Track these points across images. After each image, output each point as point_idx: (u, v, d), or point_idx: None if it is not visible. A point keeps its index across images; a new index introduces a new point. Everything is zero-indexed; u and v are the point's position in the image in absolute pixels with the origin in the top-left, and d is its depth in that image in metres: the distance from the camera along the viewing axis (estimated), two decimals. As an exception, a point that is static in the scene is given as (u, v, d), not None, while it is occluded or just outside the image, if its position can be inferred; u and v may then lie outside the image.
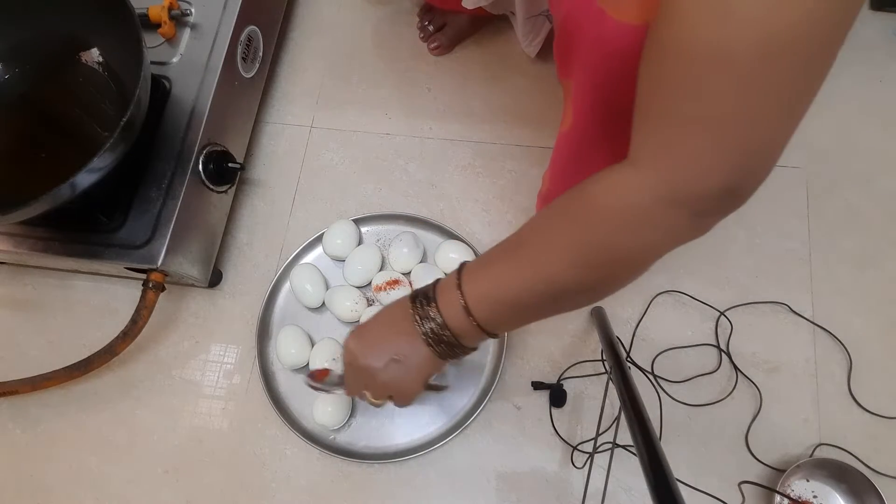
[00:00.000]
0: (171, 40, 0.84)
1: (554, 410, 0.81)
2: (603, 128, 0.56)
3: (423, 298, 0.54)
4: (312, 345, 0.82)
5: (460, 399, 0.81)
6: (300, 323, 0.85)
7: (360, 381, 0.60)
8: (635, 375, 0.79)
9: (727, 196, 0.40)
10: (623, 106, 0.50)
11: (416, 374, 0.57)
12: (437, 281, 0.55)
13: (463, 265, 0.54)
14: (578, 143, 0.61)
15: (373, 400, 0.61)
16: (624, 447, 0.66)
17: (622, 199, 0.42)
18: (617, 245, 0.44)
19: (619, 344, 0.74)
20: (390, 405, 0.62)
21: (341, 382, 0.65)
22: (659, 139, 0.40)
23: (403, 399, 0.60)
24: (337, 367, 0.80)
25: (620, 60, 0.46)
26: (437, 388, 0.72)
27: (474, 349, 0.56)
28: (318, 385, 0.67)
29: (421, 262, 0.85)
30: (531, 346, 0.84)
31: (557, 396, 0.80)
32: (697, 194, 0.40)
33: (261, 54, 0.93)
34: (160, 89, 0.81)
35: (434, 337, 0.54)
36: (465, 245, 0.84)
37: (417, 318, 0.54)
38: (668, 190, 0.40)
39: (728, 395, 0.79)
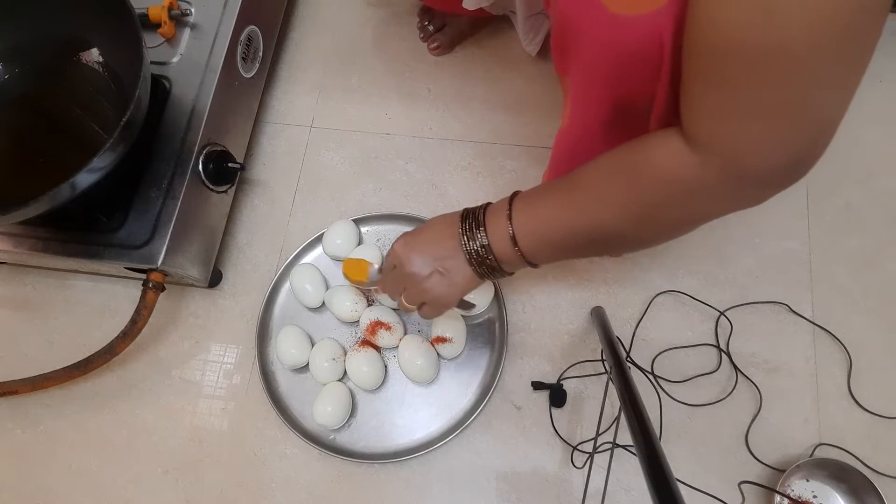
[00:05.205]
0: (171, 40, 0.84)
1: (554, 410, 0.81)
2: (603, 124, 0.56)
3: (472, 220, 0.58)
4: (312, 345, 0.82)
5: (460, 399, 0.81)
6: (300, 323, 0.85)
7: (399, 284, 0.63)
8: (635, 375, 0.79)
9: (791, 169, 0.42)
10: (625, 100, 0.50)
11: (455, 289, 0.61)
12: (488, 204, 0.59)
13: (515, 195, 0.57)
14: (578, 140, 0.62)
15: (406, 304, 0.65)
16: (624, 447, 0.66)
17: (685, 169, 0.44)
18: (675, 210, 0.46)
19: (619, 344, 0.74)
20: (414, 315, 0.70)
21: (376, 282, 0.70)
22: (719, 128, 0.41)
23: (436, 310, 0.64)
24: (336, 368, 0.80)
25: (621, 54, 0.46)
26: (467, 306, 0.75)
27: (512, 274, 0.60)
28: (354, 281, 0.72)
29: (421, 262, 0.85)
30: (531, 346, 0.84)
31: (557, 396, 0.80)
32: (762, 171, 0.41)
33: (261, 54, 0.93)
34: (160, 89, 0.81)
35: (477, 258, 0.57)
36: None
37: (465, 237, 0.58)
38: (734, 167, 0.42)
39: (728, 396, 0.79)
